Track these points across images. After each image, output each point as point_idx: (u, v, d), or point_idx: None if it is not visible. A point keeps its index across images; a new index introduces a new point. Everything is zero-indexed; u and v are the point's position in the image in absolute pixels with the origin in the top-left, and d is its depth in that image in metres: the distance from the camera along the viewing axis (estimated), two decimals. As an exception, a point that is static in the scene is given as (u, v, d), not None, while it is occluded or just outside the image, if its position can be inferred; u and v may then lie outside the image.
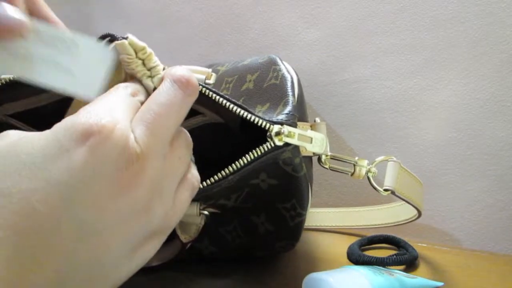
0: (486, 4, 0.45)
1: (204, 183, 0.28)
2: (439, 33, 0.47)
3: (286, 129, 0.28)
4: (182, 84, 0.23)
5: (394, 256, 0.37)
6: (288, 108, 0.30)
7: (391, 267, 0.35)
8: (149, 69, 0.25)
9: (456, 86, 0.47)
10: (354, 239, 0.42)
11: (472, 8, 0.45)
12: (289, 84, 0.33)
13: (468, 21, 0.46)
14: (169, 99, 0.22)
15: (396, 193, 0.34)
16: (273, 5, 0.54)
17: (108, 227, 0.20)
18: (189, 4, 0.60)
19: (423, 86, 0.48)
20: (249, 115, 0.28)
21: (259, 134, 0.29)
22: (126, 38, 0.25)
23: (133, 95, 0.23)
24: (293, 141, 0.28)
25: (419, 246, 0.42)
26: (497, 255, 0.44)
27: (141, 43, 0.25)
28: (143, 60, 0.25)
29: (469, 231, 0.48)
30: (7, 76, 0.28)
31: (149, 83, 0.25)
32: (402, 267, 0.37)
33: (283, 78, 0.33)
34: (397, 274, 0.32)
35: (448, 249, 0.44)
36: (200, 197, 0.29)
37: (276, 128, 0.28)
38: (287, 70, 0.35)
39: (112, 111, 0.20)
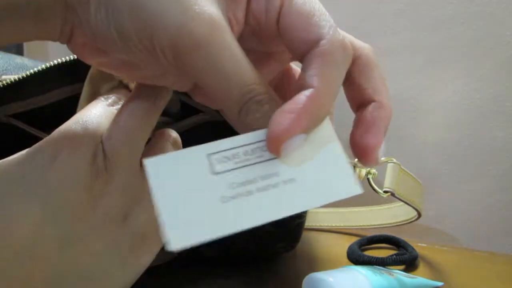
0: (486, 4, 0.45)
1: None
2: (439, 33, 0.47)
3: None
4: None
5: (394, 256, 0.37)
6: None
7: (391, 267, 0.35)
8: None
9: (456, 86, 0.47)
10: (354, 239, 0.42)
11: (472, 8, 0.45)
12: None
13: (468, 21, 0.46)
14: (134, 111, 0.23)
15: (396, 195, 0.34)
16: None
17: (88, 233, 0.21)
18: (189, 4, 0.60)
19: (423, 86, 0.48)
20: None
21: None
22: None
23: (112, 105, 0.24)
24: None
25: (419, 246, 0.42)
26: (497, 255, 0.44)
27: None
28: None
29: (469, 231, 0.48)
30: (11, 76, 0.28)
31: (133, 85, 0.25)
32: (402, 267, 0.37)
33: None
34: (397, 274, 0.32)
35: (448, 249, 0.44)
36: None
37: None
38: None
39: (84, 127, 0.22)
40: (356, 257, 0.37)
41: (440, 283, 0.33)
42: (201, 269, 0.37)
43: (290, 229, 0.34)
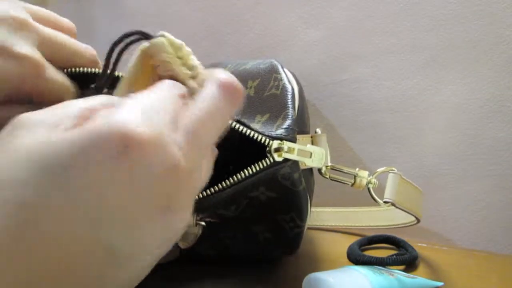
0: (486, 4, 0.45)
1: (200, 194, 0.28)
2: (439, 33, 0.47)
3: (286, 145, 0.28)
4: (229, 90, 0.21)
5: (394, 256, 0.37)
6: (288, 122, 0.30)
7: (391, 267, 0.35)
8: (190, 69, 0.23)
9: (456, 86, 0.47)
10: (354, 239, 0.42)
11: (472, 8, 0.45)
12: (289, 95, 0.32)
13: (468, 21, 0.46)
14: (215, 105, 0.20)
15: (396, 205, 0.35)
16: (273, 5, 0.54)
17: (142, 251, 0.17)
18: (189, 4, 0.60)
19: (423, 86, 0.48)
20: (248, 131, 0.28)
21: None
22: (160, 36, 0.22)
23: (181, 96, 0.20)
24: (293, 156, 0.28)
25: (419, 246, 0.42)
26: (497, 255, 0.44)
27: (179, 41, 0.23)
28: (181, 59, 0.23)
29: (469, 231, 0.48)
30: None
31: (193, 84, 0.22)
32: (402, 267, 0.37)
33: (283, 89, 0.33)
34: (397, 274, 0.32)
35: (448, 249, 0.44)
36: (195, 208, 0.29)
37: (275, 144, 0.28)
38: (288, 80, 0.34)
39: (154, 115, 0.17)
40: (356, 257, 0.37)
41: (440, 283, 0.33)
42: (201, 269, 0.37)
43: (288, 237, 0.34)
